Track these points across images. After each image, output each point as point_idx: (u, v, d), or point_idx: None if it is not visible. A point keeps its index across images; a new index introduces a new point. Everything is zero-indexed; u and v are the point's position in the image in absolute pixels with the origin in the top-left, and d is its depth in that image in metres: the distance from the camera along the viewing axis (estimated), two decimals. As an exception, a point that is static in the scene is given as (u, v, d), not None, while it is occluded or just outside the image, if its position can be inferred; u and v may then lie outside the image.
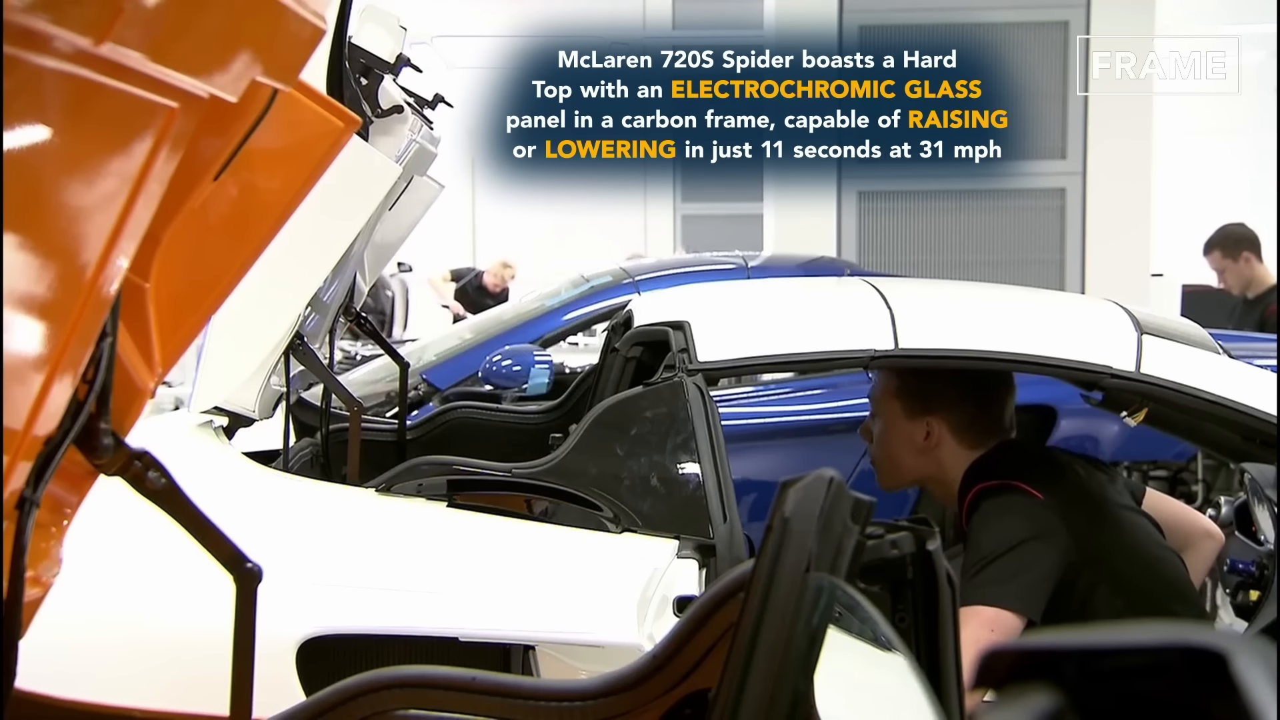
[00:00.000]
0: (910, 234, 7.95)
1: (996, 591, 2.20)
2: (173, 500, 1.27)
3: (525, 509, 2.61)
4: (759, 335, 2.63)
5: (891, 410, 2.49)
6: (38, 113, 0.81)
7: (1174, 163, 11.42)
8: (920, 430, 2.46)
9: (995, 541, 2.25)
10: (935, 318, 2.62)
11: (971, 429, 2.45)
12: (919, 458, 2.48)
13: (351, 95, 2.56)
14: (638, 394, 2.51)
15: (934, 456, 2.46)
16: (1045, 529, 2.26)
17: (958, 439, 2.45)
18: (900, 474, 2.54)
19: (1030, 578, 2.22)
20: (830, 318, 2.69)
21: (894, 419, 2.49)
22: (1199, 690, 0.56)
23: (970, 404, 2.45)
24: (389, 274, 11.38)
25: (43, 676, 1.76)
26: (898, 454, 2.50)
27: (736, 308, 2.96)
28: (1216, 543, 2.72)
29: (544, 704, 1.33)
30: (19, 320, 0.87)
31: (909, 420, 2.47)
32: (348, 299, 3.27)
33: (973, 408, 2.45)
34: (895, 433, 2.49)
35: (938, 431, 2.44)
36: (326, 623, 2.04)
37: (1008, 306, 2.86)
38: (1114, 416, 2.81)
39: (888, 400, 2.50)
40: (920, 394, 2.46)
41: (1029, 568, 2.23)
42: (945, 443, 2.45)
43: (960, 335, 2.55)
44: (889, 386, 2.50)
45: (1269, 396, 2.42)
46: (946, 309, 2.74)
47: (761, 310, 2.90)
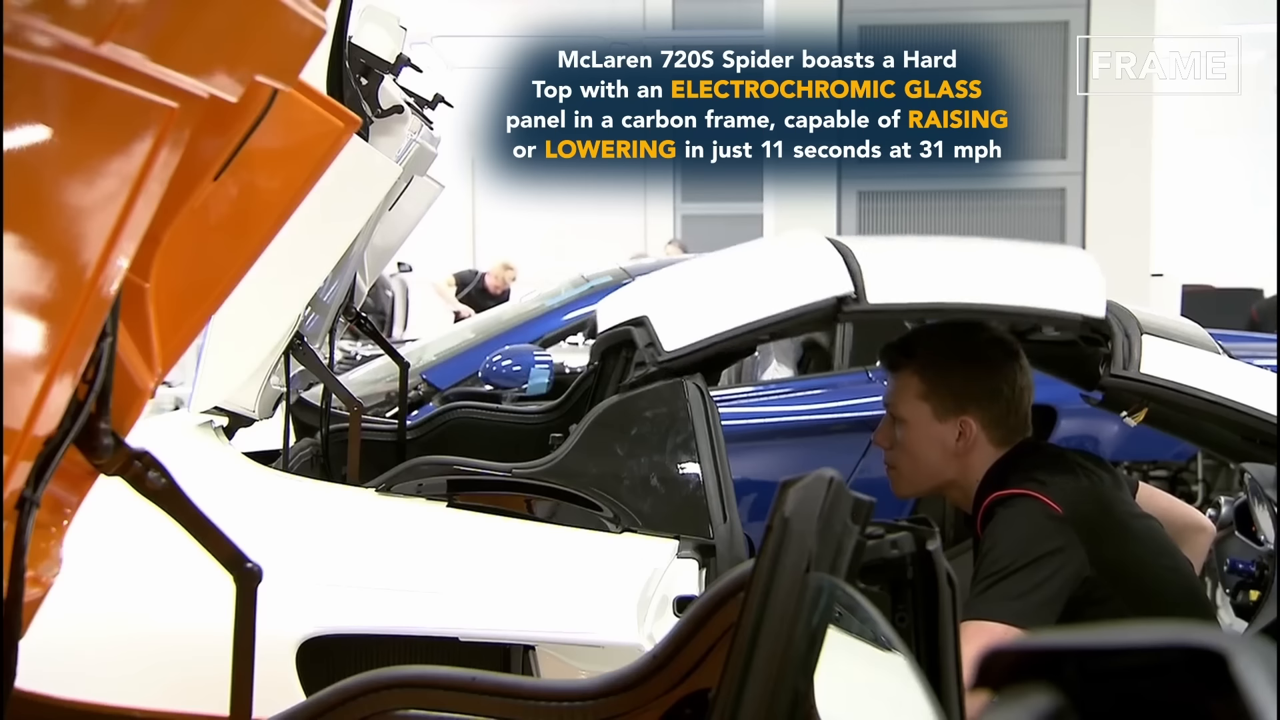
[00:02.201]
0: (910, 234, 7.94)
1: (1009, 608, 2.16)
2: (173, 500, 1.27)
3: (525, 509, 2.61)
4: (719, 310, 2.61)
5: (919, 413, 2.44)
6: (38, 113, 0.81)
7: (1174, 163, 11.42)
8: (953, 431, 2.41)
9: (1010, 555, 2.21)
10: (899, 268, 2.63)
11: (1003, 425, 2.41)
12: (949, 461, 2.43)
13: (351, 95, 2.56)
14: (638, 394, 2.51)
15: (964, 458, 2.42)
16: (1062, 544, 2.22)
17: (989, 436, 2.41)
18: (923, 480, 2.48)
19: (1043, 595, 2.18)
20: (786, 275, 2.68)
21: (923, 422, 2.44)
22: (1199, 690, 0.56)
23: (1002, 399, 2.42)
24: (389, 274, 11.38)
25: (43, 676, 1.76)
26: (926, 458, 2.44)
27: (692, 289, 2.93)
28: (1208, 536, 2.72)
29: (544, 704, 1.33)
30: (19, 320, 0.87)
31: (940, 422, 2.42)
32: (348, 299, 3.27)
33: (1004, 403, 2.43)
34: (924, 436, 2.44)
35: (972, 430, 2.41)
36: (326, 623, 2.04)
37: (974, 256, 2.87)
38: (1114, 416, 2.80)
39: (913, 403, 2.45)
40: (951, 393, 2.43)
41: (1043, 584, 2.18)
42: (979, 442, 2.42)
43: (928, 286, 2.56)
44: (915, 389, 2.46)
45: (1269, 396, 2.41)
46: (907, 259, 2.76)
47: (717, 284, 2.87)
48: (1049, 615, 2.18)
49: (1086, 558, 2.23)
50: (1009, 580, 2.19)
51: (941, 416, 2.42)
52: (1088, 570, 2.23)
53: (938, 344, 2.49)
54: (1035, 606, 2.17)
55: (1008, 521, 2.27)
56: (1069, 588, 2.21)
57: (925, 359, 2.45)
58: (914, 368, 2.46)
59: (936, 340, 2.51)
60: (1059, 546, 2.22)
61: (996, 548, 2.24)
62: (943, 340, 2.50)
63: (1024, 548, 2.21)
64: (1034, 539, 2.22)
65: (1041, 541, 2.22)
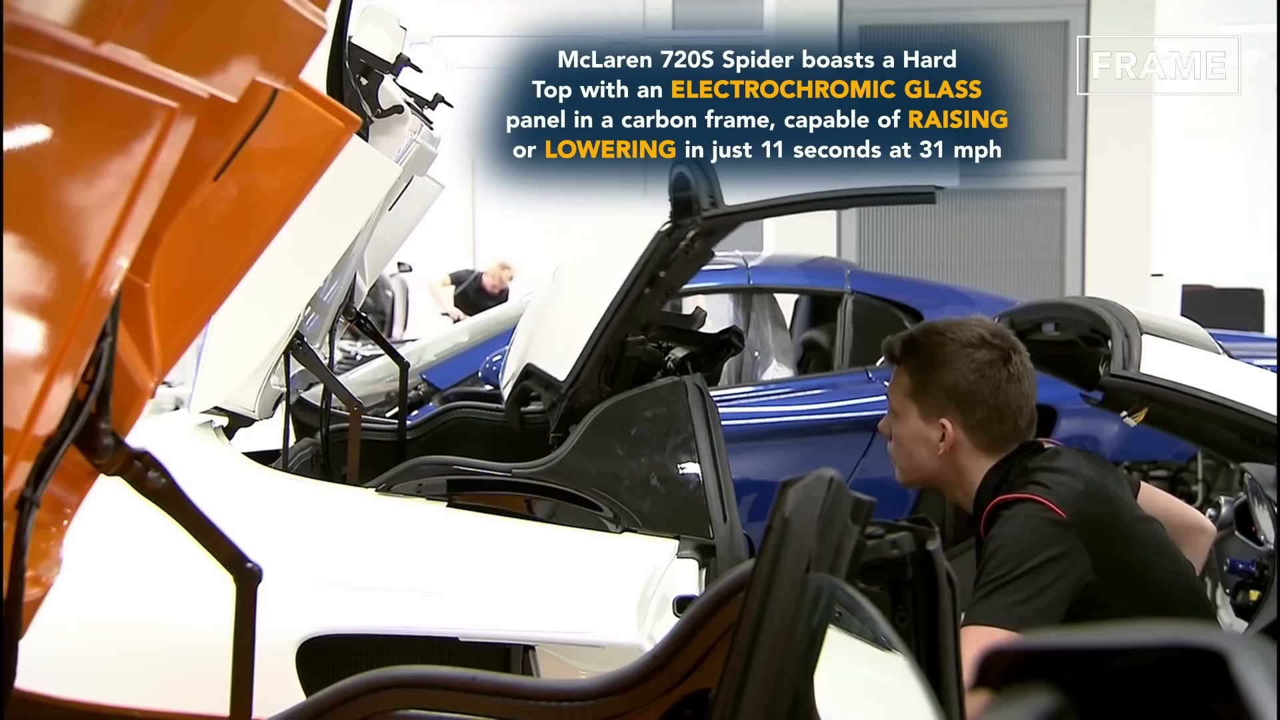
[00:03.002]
0: (910, 234, 7.95)
1: (1012, 614, 2.15)
2: (173, 500, 1.27)
3: (525, 509, 2.61)
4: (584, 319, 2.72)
5: (908, 409, 2.46)
6: (38, 113, 0.81)
7: (1174, 163, 11.42)
8: (936, 431, 2.43)
9: (1013, 560, 2.19)
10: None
11: (986, 431, 2.40)
12: (935, 459, 2.44)
13: (351, 95, 2.56)
14: (638, 394, 2.52)
15: (950, 458, 2.43)
16: (1065, 548, 2.21)
17: (972, 440, 2.41)
18: (915, 473, 2.50)
19: (1046, 600, 2.17)
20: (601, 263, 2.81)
21: (911, 418, 2.46)
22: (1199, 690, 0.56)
23: (985, 406, 2.41)
24: (389, 274, 11.38)
25: (43, 676, 1.76)
26: (915, 453, 2.46)
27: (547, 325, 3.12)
28: (1208, 537, 2.71)
29: (544, 704, 1.33)
30: (19, 320, 0.87)
31: (924, 421, 2.44)
32: (348, 299, 3.27)
33: (987, 410, 2.42)
34: (912, 432, 2.46)
35: (950, 433, 2.42)
36: (326, 623, 2.04)
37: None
38: (1114, 416, 2.80)
39: (904, 399, 2.47)
40: (933, 395, 2.43)
41: (1046, 589, 2.18)
42: (961, 445, 2.42)
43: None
44: (905, 386, 2.47)
45: (1269, 396, 2.41)
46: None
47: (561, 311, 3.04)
48: (1051, 620, 2.17)
49: (1090, 562, 2.22)
50: (1011, 585, 2.18)
51: (925, 416, 2.43)
52: (1091, 575, 2.22)
53: (929, 345, 2.48)
54: (1037, 612, 2.16)
55: (1010, 525, 2.26)
56: (1072, 592, 2.20)
57: (918, 358, 2.45)
58: (907, 365, 2.47)
59: (929, 341, 2.49)
60: (1062, 551, 2.21)
61: (999, 552, 2.23)
62: (934, 342, 2.48)
63: (1027, 553, 2.20)
64: (1037, 544, 2.21)
65: (1044, 546, 2.21)
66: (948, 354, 2.43)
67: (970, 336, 2.45)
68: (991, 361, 2.42)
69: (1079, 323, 2.79)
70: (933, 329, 2.53)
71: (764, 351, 5.27)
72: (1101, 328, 2.60)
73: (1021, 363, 2.45)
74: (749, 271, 5.11)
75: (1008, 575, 2.19)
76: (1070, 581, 2.20)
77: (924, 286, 5.25)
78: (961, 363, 2.42)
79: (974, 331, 2.46)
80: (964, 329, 2.48)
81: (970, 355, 2.43)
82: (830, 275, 5.23)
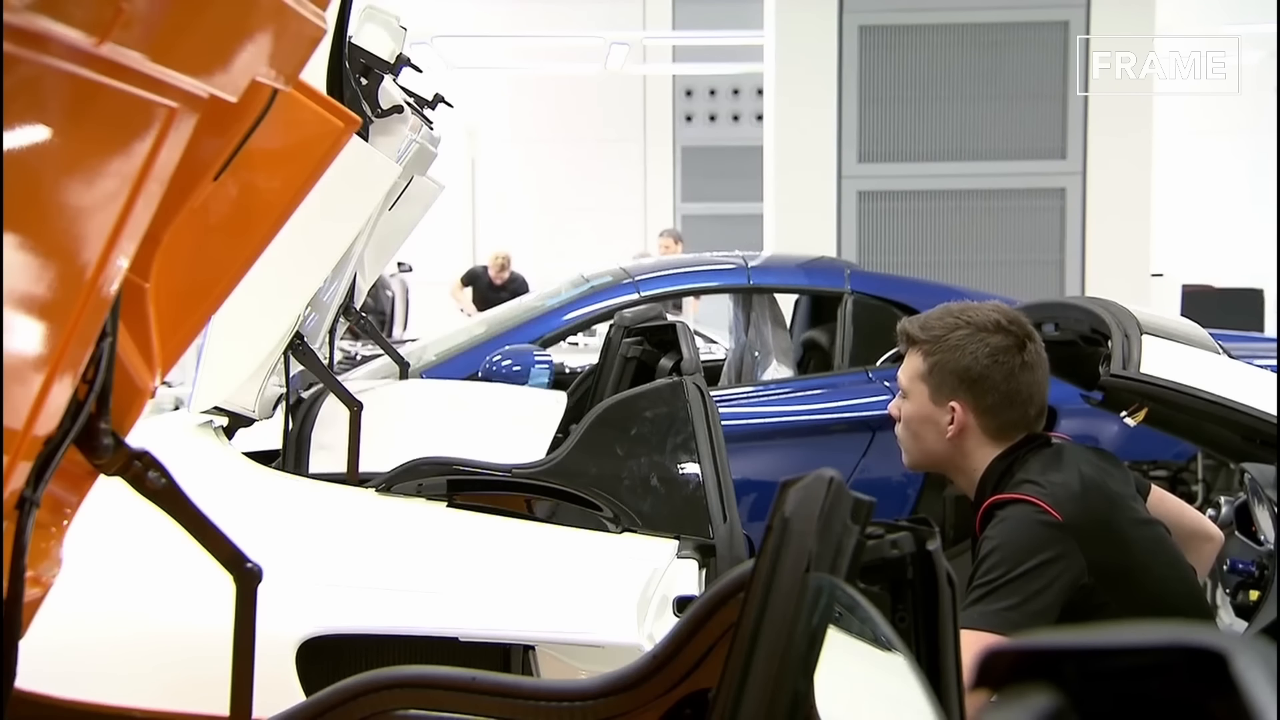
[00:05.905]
0: (910, 234, 7.94)
1: (1003, 618, 2.14)
2: (173, 500, 1.27)
3: (525, 509, 2.61)
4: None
5: (918, 391, 2.45)
6: (38, 113, 0.81)
7: (1174, 163, 11.42)
8: (945, 414, 2.42)
9: (1007, 563, 2.19)
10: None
11: (997, 417, 2.39)
12: (943, 442, 2.43)
13: (351, 95, 2.56)
14: (638, 394, 2.52)
15: (957, 442, 2.42)
16: (1059, 551, 2.20)
17: (982, 425, 2.40)
18: (922, 456, 2.49)
19: (1038, 605, 2.16)
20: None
21: (920, 400, 2.45)
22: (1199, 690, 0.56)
23: (996, 392, 2.40)
24: (389, 274, 11.39)
25: (43, 676, 1.76)
26: (923, 435, 2.45)
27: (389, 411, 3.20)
28: (1215, 545, 2.70)
29: (544, 704, 1.33)
30: (19, 320, 0.87)
31: (935, 404, 2.43)
32: (348, 299, 3.27)
33: (999, 395, 2.40)
34: (921, 415, 2.45)
35: (960, 417, 2.41)
36: (326, 623, 2.04)
37: None
38: (1114, 416, 2.80)
39: (915, 381, 2.46)
40: (945, 378, 2.42)
41: (1039, 593, 2.16)
42: (971, 430, 2.41)
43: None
44: (916, 368, 2.46)
45: (1269, 396, 2.41)
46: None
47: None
48: (1045, 624, 2.15)
49: (1085, 565, 2.21)
50: (1004, 589, 2.17)
51: (936, 399, 2.42)
52: (1086, 577, 2.20)
53: (943, 328, 2.46)
54: (1030, 616, 2.15)
55: (1004, 527, 2.24)
56: (1065, 595, 2.19)
57: (931, 340, 2.44)
58: (920, 348, 2.46)
59: (944, 324, 2.48)
60: (1056, 554, 2.19)
61: (993, 554, 2.21)
62: (948, 325, 2.47)
63: (1020, 556, 2.19)
64: (1030, 547, 2.20)
65: (1037, 549, 2.20)
66: (962, 337, 2.42)
67: (986, 321, 2.43)
68: (1006, 347, 2.40)
69: (1079, 323, 2.79)
70: (948, 311, 2.49)
71: (764, 351, 5.27)
72: (1101, 328, 2.60)
73: (1036, 351, 2.43)
74: (749, 271, 5.11)
75: (1001, 579, 2.18)
76: (1064, 585, 2.19)
77: (924, 286, 5.25)
78: (975, 346, 2.40)
79: (989, 316, 2.44)
80: (979, 313, 2.45)
81: (985, 339, 2.41)
82: (830, 275, 5.23)
